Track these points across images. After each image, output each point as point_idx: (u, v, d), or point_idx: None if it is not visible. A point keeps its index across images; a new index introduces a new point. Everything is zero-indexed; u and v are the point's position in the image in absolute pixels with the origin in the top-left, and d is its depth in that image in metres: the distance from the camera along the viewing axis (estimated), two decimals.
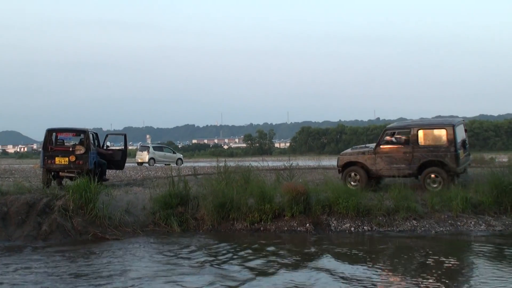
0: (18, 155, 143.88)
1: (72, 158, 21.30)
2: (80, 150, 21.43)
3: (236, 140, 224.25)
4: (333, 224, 16.87)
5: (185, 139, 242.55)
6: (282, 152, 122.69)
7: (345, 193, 17.13)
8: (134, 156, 56.01)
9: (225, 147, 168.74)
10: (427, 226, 16.52)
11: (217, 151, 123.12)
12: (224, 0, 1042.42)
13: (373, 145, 21.20)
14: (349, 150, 22.16)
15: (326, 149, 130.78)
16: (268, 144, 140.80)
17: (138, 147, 64.48)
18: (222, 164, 20.53)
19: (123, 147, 24.83)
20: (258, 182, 18.50)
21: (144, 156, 51.80)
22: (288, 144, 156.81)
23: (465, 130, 21.08)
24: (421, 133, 19.81)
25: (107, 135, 25.70)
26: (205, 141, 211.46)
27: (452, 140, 19.19)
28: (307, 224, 16.84)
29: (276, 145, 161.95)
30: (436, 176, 19.21)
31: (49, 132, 21.93)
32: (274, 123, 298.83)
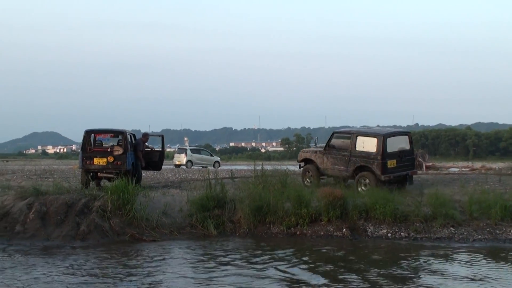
0: (58, 156, 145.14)
1: (111, 159, 21.41)
2: (118, 151, 21.53)
3: (274, 143, 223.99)
4: (369, 230, 16.78)
5: (222, 142, 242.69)
6: None
7: (383, 199, 17.02)
8: (172, 158, 56.20)
9: (263, 150, 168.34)
10: (465, 233, 16.35)
11: (254, 155, 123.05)
12: (263, 3, 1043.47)
13: None
14: (309, 148, 25.03)
15: None
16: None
17: (176, 149, 64.66)
18: (259, 167, 20.54)
19: (160, 149, 24.94)
20: (295, 186, 18.50)
21: (181, 159, 51.97)
22: None
23: (411, 143, 22.14)
24: (358, 139, 21.38)
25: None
26: (243, 144, 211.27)
27: (380, 150, 20.58)
28: (344, 229, 16.77)
29: None
30: (366, 180, 20.68)
31: (88, 133, 22.08)
32: (311, 127, 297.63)
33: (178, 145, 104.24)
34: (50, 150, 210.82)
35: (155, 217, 17.30)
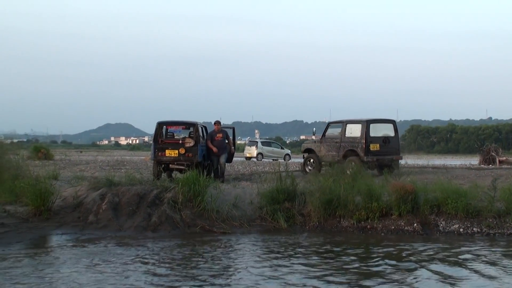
0: (130, 147, 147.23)
1: (182, 151, 21.60)
2: (190, 142, 21.71)
3: None
4: (441, 225, 16.56)
5: (293, 135, 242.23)
6: None
7: (454, 194, 16.76)
8: (243, 150, 56.42)
9: None
10: None
11: None
12: None
13: None
14: (310, 139, 28.11)
15: (435, 148, 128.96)
16: None
17: (247, 142, 64.90)
18: None
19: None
20: (365, 179, 18.32)
21: (252, 151, 52.27)
22: None
23: (396, 131, 24.87)
24: (348, 127, 24.43)
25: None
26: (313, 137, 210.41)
27: (364, 134, 23.52)
28: (415, 224, 16.58)
29: None
30: (352, 164, 22.28)
31: (160, 125, 22.35)
32: None
33: (249, 137, 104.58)
34: (123, 141, 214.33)
35: (226, 209, 17.35)
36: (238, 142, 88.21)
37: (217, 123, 23.02)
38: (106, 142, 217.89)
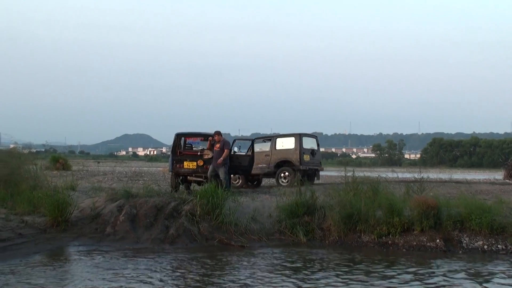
0: (148, 158, 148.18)
1: (200, 163, 21.48)
2: (208, 154, 21.56)
3: (365, 149, 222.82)
4: (464, 241, 16.19)
5: None
6: (412, 163, 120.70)
7: (478, 209, 16.42)
8: None
9: (353, 156, 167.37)
10: None
11: (344, 161, 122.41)
12: (352, 7, 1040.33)
13: None
14: None
15: (458, 162, 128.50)
16: (398, 155, 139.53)
17: None
18: (350, 174, 20.13)
19: (250, 153, 24.89)
20: (387, 194, 18.00)
21: None
22: (418, 156, 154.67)
23: (318, 144, 28.63)
24: (278, 141, 27.23)
25: (234, 140, 25.96)
26: (333, 149, 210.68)
27: (298, 145, 26.40)
28: (437, 240, 16.22)
29: (406, 156, 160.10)
30: (285, 173, 26.13)
31: (178, 136, 22.24)
32: (404, 134, 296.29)
33: None
34: (141, 152, 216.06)
35: (244, 222, 17.16)
36: None
37: (216, 133, 21.64)
38: (124, 152, 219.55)
